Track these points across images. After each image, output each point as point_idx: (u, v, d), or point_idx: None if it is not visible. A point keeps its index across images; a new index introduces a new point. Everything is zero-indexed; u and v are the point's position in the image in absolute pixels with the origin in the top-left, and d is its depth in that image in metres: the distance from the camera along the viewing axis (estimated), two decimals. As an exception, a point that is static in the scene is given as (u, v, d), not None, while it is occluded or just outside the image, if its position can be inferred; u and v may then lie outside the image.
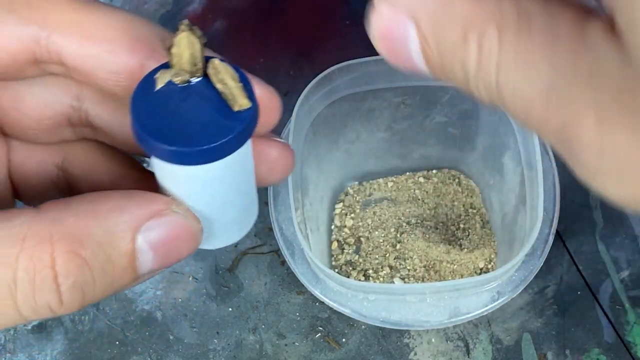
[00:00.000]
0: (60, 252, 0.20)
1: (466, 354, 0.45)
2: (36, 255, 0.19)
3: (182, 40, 0.20)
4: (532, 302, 0.46)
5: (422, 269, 0.45)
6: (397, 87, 0.43)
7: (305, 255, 0.39)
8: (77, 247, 0.20)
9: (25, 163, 0.26)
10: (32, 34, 0.22)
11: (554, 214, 0.39)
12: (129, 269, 0.21)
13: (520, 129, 0.40)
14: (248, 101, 0.20)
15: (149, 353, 0.46)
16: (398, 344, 0.46)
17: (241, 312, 0.47)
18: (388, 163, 0.49)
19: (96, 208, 0.20)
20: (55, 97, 0.25)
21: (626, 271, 0.47)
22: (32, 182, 0.27)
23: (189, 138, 0.19)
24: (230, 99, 0.20)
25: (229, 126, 0.20)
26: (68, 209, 0.20)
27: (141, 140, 0.20)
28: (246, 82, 0.20)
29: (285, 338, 0.46)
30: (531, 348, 0.45)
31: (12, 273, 0.19)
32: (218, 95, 0.20)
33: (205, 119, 0.20)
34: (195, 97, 0.20)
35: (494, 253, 0.46)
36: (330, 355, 0.46)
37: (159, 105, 0.20)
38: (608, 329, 0.45)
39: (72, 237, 0.20)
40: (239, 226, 0.24)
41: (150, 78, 0.21)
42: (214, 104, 0.20)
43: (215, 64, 0.20)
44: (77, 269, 0.20)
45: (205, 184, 0.21)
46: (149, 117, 0.20)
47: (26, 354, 0.46)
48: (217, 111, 0.20)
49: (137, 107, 0.20)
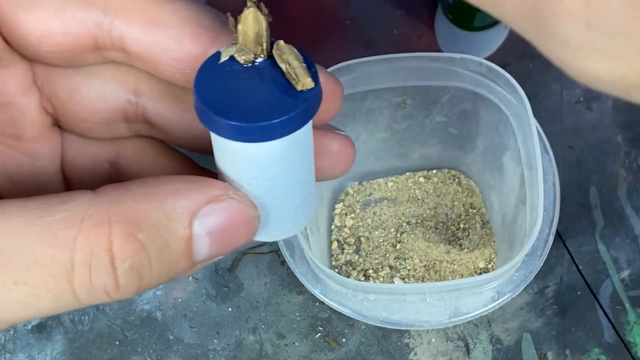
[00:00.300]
0: (117, 235, 0.19)
1: (466, 354, 0.45)
2: (93, 237, 0.19)
3: (249, 17, 0.20)
4: (532, 302, 0.46)
5: (422, 269, 0.45)
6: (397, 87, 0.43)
7: (305, 255, 0.39)
8: (134, 230, 0.20)
9: (78, 157, 0.26)
10: (95, 18, 0.22)
11: (554, 214, 0.39)
12: (185, 255, 0.21)
13: (520, 129, 0.40)
14: (312, 81, 0.20)
15: (148, 353, 0.46)
16: (398, 344, 0.46)
17: (241, 312, 0.47)
18: (388, 163, 0.49)
19: (154, 192, 0.20)
20: (112, 91, 0.25)
21: (626, 271, 0.47)
22: (84, 177, 0.26)
23: (251, 114, 0.19)
24: (294, 79, 0.20)
25: (292, 104, 0.20)
26: (126, 192, 0.20)
27: (202, 115, 0.20)
28: (310, 64, 0.20)
29: (285, 338, 0.46)
30: (531, 348, 0.45)
31: (69, 255, 0.19)
32: (282, 76, 0.20)
33: (268, 97, 0.20)
34: (258, 77, 0.20)
35: (494, 253, 0.46)
36: (330, 355, 0.46)
37: (222, 82, 0.20)
38: (608, 329, 0.45)
39: (129, 219, 0.20)
40: (296, 218, 0.23)
41: (215, 58, 0.21)
42: (277, 84, 0.20)
43: (280, 44, 0.21)
44: (134, 252, 0.20)
45: (265, 167, 0.21)
46: (212, 93, 0.20)
47: (26, 354, 0.46)
48: (281, 90, 0.20)
49: (201, 83, 0.20)
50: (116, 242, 0.19)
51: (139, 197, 0.20)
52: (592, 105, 0.50)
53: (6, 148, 0.25)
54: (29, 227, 0.19)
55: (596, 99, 0.50)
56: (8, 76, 0.24)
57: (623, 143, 0.49)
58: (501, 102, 0.41)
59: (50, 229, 0.19)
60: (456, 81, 0.41)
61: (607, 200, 0.48)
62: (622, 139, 0.49)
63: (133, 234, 0.20)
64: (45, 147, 0.25)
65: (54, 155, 0.26)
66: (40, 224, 0.19)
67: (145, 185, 0.20)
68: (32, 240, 0.19)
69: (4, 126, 0.24)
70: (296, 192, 0.22)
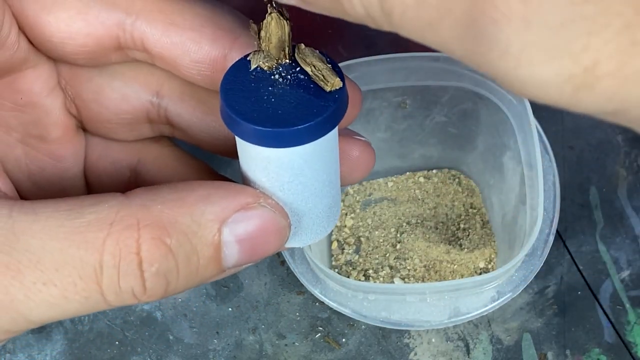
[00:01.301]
0: (145, 239, 0.19)
1: (466, 354, 0.45)
2: (122, 240, 0.19)
3: (272, 23, 0.20)
4: (532, 302, 0.46)
5: (422, 269, 0.45)
6: (397, 87, 0.43)
7: (305, 255, 0.39)
8: (162, 235, 0.20)
9: (100, 161, 0.26)
10: (117, 19, 0.22)
11: (554, 214, 0.39)
12: (213, 261, 0.21)
13: (520, 129, 0.40)
14: (340, 80, 0.20)
15: (148, 353, 0.46)
16: (398, 344, 0.46)
17: (241, 312, 0.47)
18: (388, 163, 0.49)
19: (184, 197, 0.20)
20: (135, 93, 0.25)
21: (626, 271, 0.47)
22: (105, 181, 0.26)
23: (284, 119, 0.19)
24: (322, 80, 0.20)
25: (323, 105, 0.19)
26: (156, 197, 0.20)
27: (233, 124, 0.20)
28: (334, 63, 0.20)
29: (285, 338, 0.46)
30: (531, 348, 0.45)
31: (98, 257, 0.19)
32: (307, 79, 0.20)
33: (297, 101, 0.19)
34: (284, 81, 0.20)
35: (494, 253, 0.46)
36: (330, 355, 0.46)
37: (248, 89, 0.20)
38: (608, 329, 0.45)
39: (158, 224, 0.20)
40: (327, 219, 0.23)
41: (239, 64, 0.20)
42: (304, 87, 0.20)
43: (302, 48, 0.20)
44: (162, 256, 0.20)
45: (299, 171, 0.21)
46: (241, 100, 0.20)
47: (26, 354, 0.46)
48: (309, 93, 0.20)
49: (228, 91, 0.20)
50: (144, 246, 0.19)
51: (168, 202, 0.20)
52: (592, 105, 0.50)
53: (31, 149, 0.25)
54: (59, 229, 0.19)
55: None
56: (34, 77, 0.24)
57: (623, 143, 0.49)
58: (501, 102, 0.41)
59: (79, 230, 0.19)
60: (456, 81, 0.41)
61: (607, 200, 0.48)
62: (622, 139, 0.49)
63: (161, 239, 0.20)
64: (69, 149, 0.25)
65: (78, 158, 0.26)
66: (70, 225, 0.19)
67: (175, 191, 0.20)
68: (62, 241, 0.19)
69: (29, 127, 0.25)
70: (327, 194, 0.22)
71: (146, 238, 0.19)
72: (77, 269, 0.19)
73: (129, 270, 0.19)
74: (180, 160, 0.27)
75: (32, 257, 0.19)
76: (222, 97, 0.20)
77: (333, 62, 0.20)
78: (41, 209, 0.19)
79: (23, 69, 0.23)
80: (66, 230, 0.19)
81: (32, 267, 0.19)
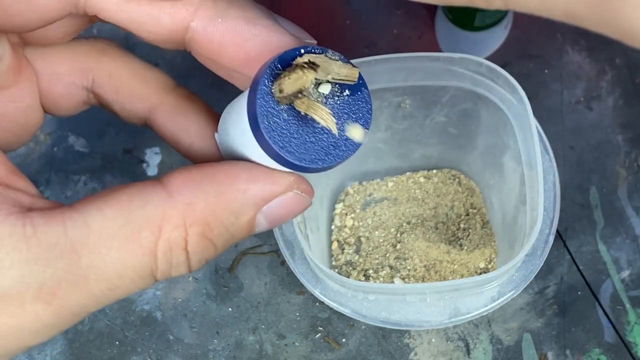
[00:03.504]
0: (192, 236, 0.22)
1: (466, 354, 0.45)
2: (172, 241, 0.22)
3: (300, 79, 0.22)
4: (532, 302, 0.46)
5: (422, 269, 0.45)
6: (397, 87, 0.43)
7: (305, 255, 0.39)
8: (206, 231, 0.23)
9: (52, 87, 0.27)
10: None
11: (554, 214, 0.39)
12: (245, 235, 0.24)
13: (520, 129, 0.40)
14: (362, 131, 0.23)
15: (148, 353, 0.46)
16: (398, 344, 0.46)
17: (241, 312, 0.47)
18: (388, 163, 0.49)
19: (224, 191, 0.23)
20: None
21: (626, 271, 0.47)
22: (62, 105, 0.28)
23: (309, 159, 0.22)
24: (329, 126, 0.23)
25: (336, 153, 0.23)
26: (198, 191, 0.22)
27: (283, 163, 0.23)
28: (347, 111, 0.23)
29: (285, 338, 0.46)
30: (531, 348, 0.45)
31: (153, 259, 0.22)
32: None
33: (317, 143, 0.23)
34: (300, 120, 0.23)
35: (494, 253, 0.46)
36: (330, 355, 0.46)
37: (285, 125, 0.22)
38: (608, 329, 0.45)
39: (202, 222, 0.22)
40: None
41: (265, 96, 0.22)
42: (319, 131, 0.23)
43: (315, 107, 0.22)
44: (205, 248, 0.23)
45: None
46: (280, 135, 0.22)
47: (26, 354, 0.46)
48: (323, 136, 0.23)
49: (266, 127, 0.22)
50: (191, 242, 0.22)
51: (210, 199, 0.22)
52: (592, 105, 0.50)
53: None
54: (113, 239, 0.21)
55: (596, 99, 0.50)
56: None
57: (623, 143, 0.49)
58: (501, 102, 0.41)
59: (133, 238, 0.22)
60: (456, 81, 0.41)
61: (607, 200, 0.48)
62: (622, 139, 0.49)
63: (205, 234, 0.23)
64: (26, 87, 0.26)
65: (33, 90, 0.27)
66: (123, 234, 0.22)
67: (216, 183, 0.23)
68: (120, 252, 0.22)
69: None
70: None
71: (192, 236, 0.22)
72: (137, 271, 0.22)
73: (179, 263, 0.23)
74: (136, 73, 0.28)
75: (97, 270, 0.21)
76: (265, 132, 0.22)
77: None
78: (91, 220, 0.21)
79: None
80: (121, 239, 0.22)
81: (97, 280, 0.21)
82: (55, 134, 0.51)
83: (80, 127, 0.52)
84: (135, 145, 0.50)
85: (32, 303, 0.21)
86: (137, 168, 0.50)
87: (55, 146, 0.51)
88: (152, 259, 0.22)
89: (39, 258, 0.20)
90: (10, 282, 0.20)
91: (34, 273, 0.20)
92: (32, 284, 0.20)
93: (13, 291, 0.20)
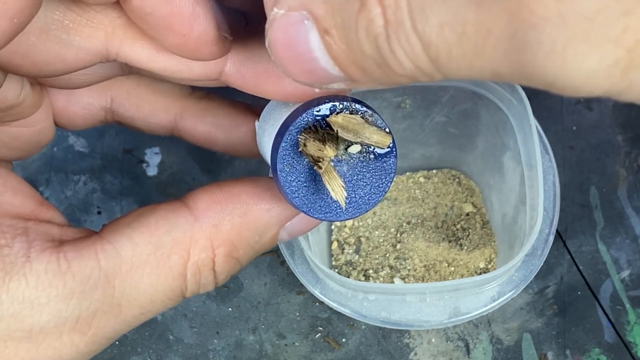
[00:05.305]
0: (219, 257, 0.23)
1: (466, 354, 0.45)
2: (201, 263, 0.23)
3: (317, 147, 0.22)
4: (532, 302, 0.46)
5: (422, 269, 0.45)
6: (397, 87, 0.43)
7: (305, 255, 0.39)
8: (232, 251, 0.23)
9: (68, 108, 0.28)
10: (99, 48, 0.23)
11: (554, 214, 0.39)
12: (266, 250, 0.25)
13: (520, 129, 0.40)
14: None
15: (148, 353, 0.46)
16: (398, 344, 0.46)
17: (241, 312, 0.47)
18: (388, 163, 0.49)
19: (248, 211, 0.23)
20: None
21: (626, 271, 0.47)
22: (79, 124, 0.28)
23: (322, 212, 0.23)
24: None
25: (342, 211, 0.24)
26: (224, 215, 0.23)
27: (312, 215, 0.23)
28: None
29: (285, 338, 0.46)
30: (531, 348, 0.45)
31: (183, 282, 0.23)
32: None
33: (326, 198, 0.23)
34: (314, 176, 0.23)
35: (494, 253, 0.46)
36: (330, 355, 0.46)
37: (301, 173, 0.23)
38: (608, 329, 0.45)
39: (228, 242, 0.23)
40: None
41: (288, 144, 0.22)
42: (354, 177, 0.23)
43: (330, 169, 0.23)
44: (231, 267, 0.24)
45: None
46: (294, 181, 0.23)
47: (26, 354, 0.46)
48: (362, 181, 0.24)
49: (282, 170, 0.22)
50: (218, 262, 0.23)
51: (236, 220, 0.23)
52: (592, 105, 0.50)
53: (6, 127, 0.26)
54: (145, 266, 0.22)
55: (596, 99, 0.50)
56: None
57: (623, 143, 0.49)
58: (501, 102, 0.41)
59: (164, 263, 0.22)
60: (456, 81, 0.41)
61: (607, 200, 0.48)
62: (622, 139, 0.49)
63: (231, 255, 0.23)
64: (40, 114, 0.26)
65: (48, 115, 0.27)
66: (154, 260, 0.22)
67: (241, 205, 0.23)
68: (152, 277, 0.22)
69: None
70: None
71: (220, 257, 0.23)
72: (167, 294, 0.23)
73: (207, 282, 0.24)
74: (154, 89, 0.28)
75: (130, 297, 0.22)
76: (285, 188, 0.23)
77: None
78: (122, 249, 0.22)
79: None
80: (152, 266, 0.22)
81: (130, 306, 0.22)
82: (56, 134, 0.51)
83: (80, 127, 0.51)
84: (135, 145, 0.50)
85: (69, 334, 0.21)
86: (137, 168, 0.50)
87: (55, 146, 0.51)
88: (182, 281, 0.23)
89: (75, 292, 0.21)
90: (48, 317, 0.21)
91: (71, 307, 0.21)
92: (69, 317, 0.21)
93: (51, 325, 0.21)
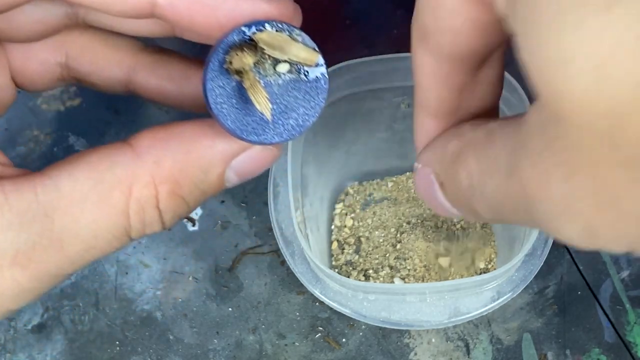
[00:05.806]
0: (162, 194, 0.23)
1: (466, 354, 0.45)
2: (143, 199, 0.22)
3: (240, 57, 0.22)
4: (532, 302, 0.46)
5: (422, 269, 0.45)
6: (397, 87, 0.43)
7: (305, 255, 0.39)
8: (176, 188, 0.23)
9: (26, 65, 0.27)
10: None
11: (554, 214, 0.39)
12: (216, 191, 0.24)
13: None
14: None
15: (148, 353, 0.46)
16: (398, 344, 0.46)
17: (241, 312, 0.47)
18: (388, 163, 0.49)
19: (191, 149, 0.23)
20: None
21: (626, 271, 0.47)
22: (37, 81, 0.28)
23: (254, 132, 0.23)
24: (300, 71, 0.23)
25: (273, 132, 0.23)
26: (166, 151, 0.23)
27: (224, 129, 0.23)
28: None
29: (285, 338, 0.46)
30: (531, 348, 0.45)
31: (126, 218, 0.22)
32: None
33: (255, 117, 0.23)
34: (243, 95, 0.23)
35: (494, 253, 0.46)
36: (330, 355, 0.46)
37: (232, 94, 0.22)
38: (608, 329, 0.45)
39: (171, 179, 0.23)
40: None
41: (215, 66, 0.22)
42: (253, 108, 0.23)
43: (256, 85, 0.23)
44: (177, 205, 0.23)
45: None
46: (225, 104, 0.22)
47: (26, 354, 0.46)
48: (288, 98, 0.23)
49: (212, 94, 0.22)
50: (162, 200, 0.23)
51: (178, 155, 0.23)
52: (592, 105, 0.50)
53: None
54: (85, 202, 0.22)
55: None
56: None
57: (623, 143, 0.49)
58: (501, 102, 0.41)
59: (105, 199, 0.22)
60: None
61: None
62: (622, 139, 0.49)
63: (175, 192, 0.23)
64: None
65: (4, 71, 0.27)
66: (95, 197, 0.22)
67: (183, 141, 0.23)
68: (93, 213, 0.22)
69: None
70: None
71: (163, 194, 0.22)
72: (111, 231, 0.22)
73: (152, 221, 0.23)
74: (108, 44, 0.28)
75: (71, 232, 0.22)
76: (212, 107, 0.22)
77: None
78: (62, 184, 0.22)
79: None
80: (93, 202, 0.22)
81: (72, 242, 0.22)
82: (55, 134, 0.51)
83: (80, 127, 0.51)
84: (135, 145, 0.50)
85: (9, 268, 0.21)
86: (137, 168, 0.50)
87: (55, 146, 0.51)
88: (125, 219, 0.22)
89: (12, 224, 0.21)
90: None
91: (8, 239, 0.21)
92: (8, 249, 0.21)
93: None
